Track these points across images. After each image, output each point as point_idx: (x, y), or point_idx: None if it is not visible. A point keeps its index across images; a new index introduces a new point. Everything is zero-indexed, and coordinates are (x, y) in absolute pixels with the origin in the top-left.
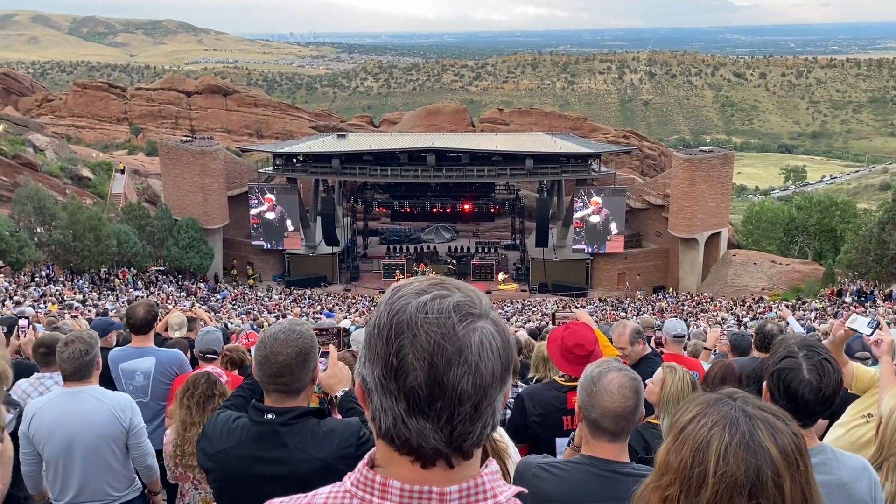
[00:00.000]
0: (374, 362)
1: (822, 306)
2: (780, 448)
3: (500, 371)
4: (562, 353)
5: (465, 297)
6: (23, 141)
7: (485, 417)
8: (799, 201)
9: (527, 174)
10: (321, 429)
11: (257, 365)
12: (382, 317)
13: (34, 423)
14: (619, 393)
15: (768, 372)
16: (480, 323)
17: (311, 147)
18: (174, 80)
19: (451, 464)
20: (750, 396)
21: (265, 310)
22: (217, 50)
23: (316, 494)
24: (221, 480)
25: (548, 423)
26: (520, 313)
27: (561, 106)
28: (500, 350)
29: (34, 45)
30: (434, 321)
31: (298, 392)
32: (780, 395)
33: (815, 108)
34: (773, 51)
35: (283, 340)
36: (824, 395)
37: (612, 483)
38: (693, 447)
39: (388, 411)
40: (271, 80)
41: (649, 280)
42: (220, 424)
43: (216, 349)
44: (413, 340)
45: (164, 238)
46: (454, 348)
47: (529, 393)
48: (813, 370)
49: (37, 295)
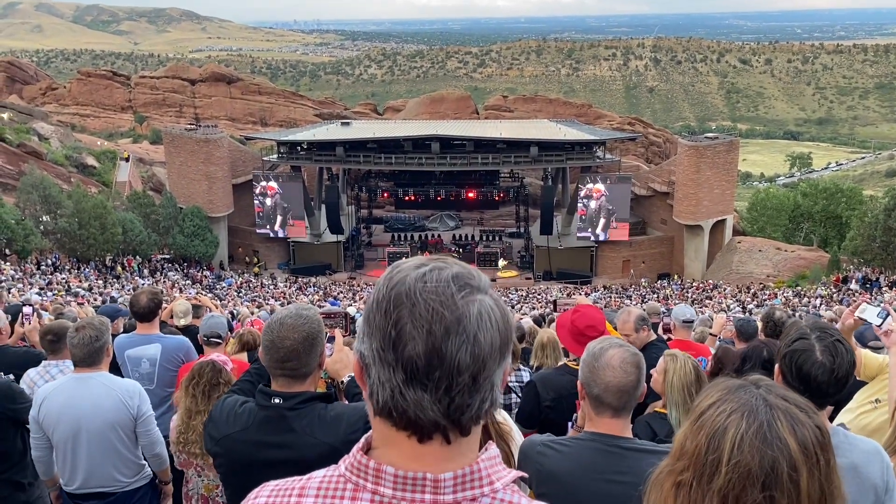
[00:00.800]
0: (373, 335)
1: (827, 293)
2: (799, 441)
3: (498, 344)
4: (573, 336)
5: (464, 269)
6: (27, 129)
7: (483, 391)
8: (804, 188)
9: (531, 162)
10: (328, 413)
11: (264, 349)
12: (381, 290)
13: (43, 407)
14: (621, 368)
15: (780, 354)
16: (479, 295)
17: (315, 135)
18: (178, 69)
19: (448, 438)
20: (774, 385)
21: (271, 298)
22: (221, 38)
23: (310, 478)
24: (228, 465)
25: (561, 407)
26: (524, 300)
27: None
28: (499, 323)
29: (38, 34)
30: (433, 290)
31: (305, 377)
32: (792, 377)
33: (821, 95)
34: (780, 37)
35: (291, 325)
36: (837, 376)
37: (616, 458)
38: (709, 433)
39: (385, 384)
40: (275, 67)
41: (654, 267)
42: (227, 409)
43: (220, 334)
44: (412, 310)
45: (169, 226)
46: (453, 317)
47: (542, 378)
48: (826, 351)
49: (43, 283)
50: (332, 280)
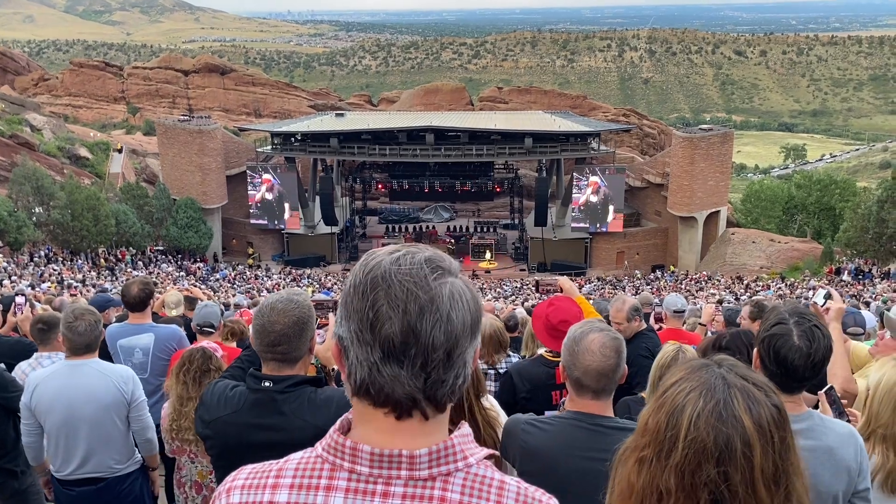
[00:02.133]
0: (350, 318)
1: (820, 284)
2: (754, 419)
3: (469, 323)
4: (547, 330)
5: (435, 254)
6: (20, 120)
7: (457, 367)
8: (798, 180)
9: (526, 153)
10: (318, 397)
11: (255, 333)
12: (357, 275)
13: (36, 394)
14: (601, 352)
15: (759, 338)
16: (450, 278)
17: (309, 126)
18: (171, 59)
19: (425, 414)
20: (738, 364)
21: (265, 289)
22: (214, 28)
23: (288, 460)
24: (219, 447)
25: (537, 398)
26: (518, 292)
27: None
28: (470, 304)
29: (30, 24)
30: (407, 272)
31: (295, 361)
32: (770, 360)
33: (815, 86)
34: (774, 28)
35: (281, 310)
36: (814, 360)
37: (598, 436)
38: (668, 411)
39: (363, 363)
40: (269, 58)
41: (648, 259)
42: (218, 392)
43: (213, 322)
44: (388, 291)
45: (163, 218)
46: (427, 297)
47: (518, 369)
48: (803, 336)
49: (35, 275)
50: (326, 272)
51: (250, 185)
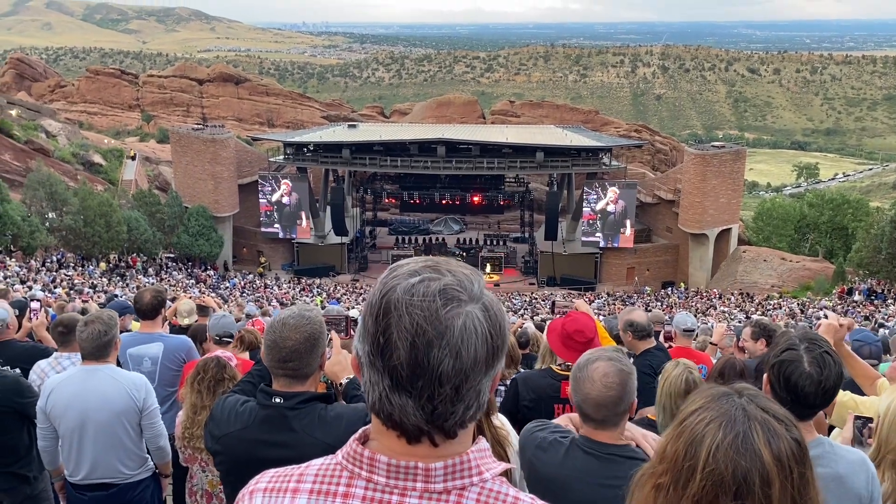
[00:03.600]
0: (365, 339)
1: (831, 304)
2: (773, 453)
3: (483, 356)
4: (562, 340)
5: (455, 280)
6: (35, 126)
7: (467, 399)
8: (811, 198)
9: (537, 167)
10: (328, 414)
11: (266, 349)
12: (375, 295)
13: (51, 398)
14: (602, 381)
15: (769, 364)
16: (467, 308)
17: (321, 137)
18: (186, 68)
19: (434, 442)
20: (758, 395)
21: (274, 299)
22: (229, 38)
23: (309, 465)
24: (228, 463)
25: (539, 409)
26: (528, 305)
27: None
28: (486, 335)
29: (48, 31)
30: (419, 304)
31: (306, 377)
32: (780, 387)
33: (829, 105)
34: (788, 46)
35: (293, 325)
36: (825, 387)
37: (610, 464)
38: (687, 440)
39: (374, 386)
40: (283, 69)
41: (658, 275)
42: (228, 408)
43: (232, 332)
44: (398, 321)
45: (175, 225)
46: (436, 332)
47: (524, 378)
48: (814, 363)
49: (47, 280)
50: (335, 282)
51: (262, 191)
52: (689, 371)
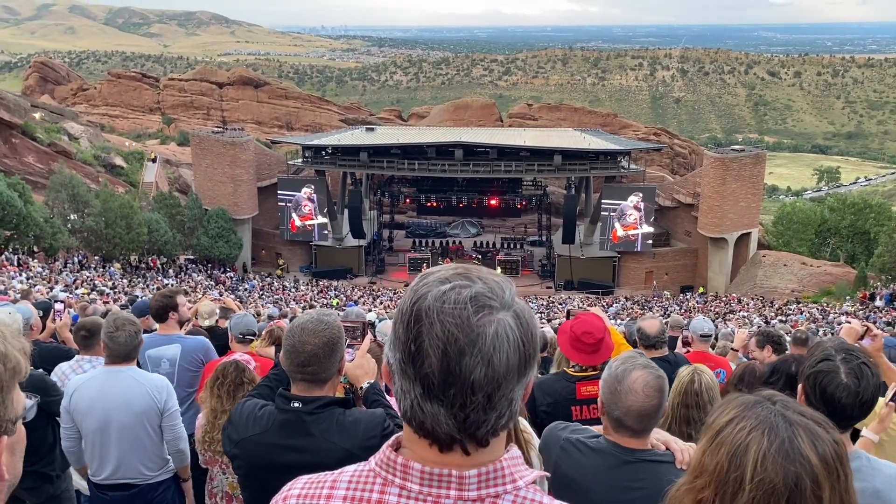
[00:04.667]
0: (397, 346)
1: (853, 309)
2: (820, 456)
3: (515, 363)
4: (571, 342)
5: (486, 287)
6: (58, 129)
7: (500, 408)
8: (832, 203)
9: (555, 170)
10: (346, 419)
11: (285, 353)
12: (406, 303)
13: (74, 398)
14: (644, 392)
15: (804, 374)
16: (499, 315)
17: (339, 140)
18: (206, 72)
19: (466, 451)
20: (789, 400)
21: (292, 301)
22: (249, 42)
23: (342, 472)
24: (247, 467)
25: (556, 412)
26: (545, 309)
27: (591, 102)
28: (518, 343)
29: (71, 35)
30: (450, 311)
31: (325, 382)
32: (816, 398)
33: (850, 108)
34: (809, 49)
35: (312, 330)
36: (862, 399)
37: (634, 468)
38: (730, 451)
39: (406, 394)
40: (302, 72)
41: (677, 279)
42: (247, 412)
43: (254, 331)
44: (430, 329)
45: (194, 227)
46: (467, 339)
47: (539, 383)
48: (851, 374)
49: (69, 280)
50: (352, 284)
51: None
52: (699, 373)
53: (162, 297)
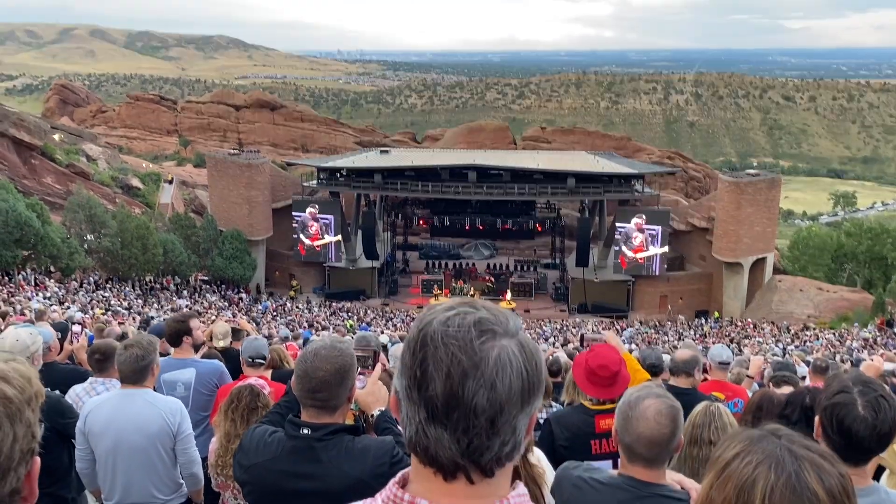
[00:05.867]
0: (403, 373)
1: (871, 336)
2: (826, 489)
3: (518, 390)
4: (586, 375)
5: (490, 315)
6: (77, 150)
7: (503, 434)
8: (848, 227)
9: (568, 193)
10: (355, 446)
11: (296, 379)
12: (413, 330)
13: (89, 420)
14: (655, 420)
15: (821, 406)
16: (503, 341)
17: (354, 162)
18: (223, 94)
19: (471, 479)
20: (795, 434)
21: (304, 322)
22: (266, 65)
23: None
24: (256, 493)
25: (575, 447)
26: (559, 333)
27: (605, 125)
28: (521, 369)
29: (91, 58)
30: (454, 335)
31: (335, 409)
32: (833, 430)
33: (866, 133)
34: (824, 74)
35: (324, 357)
36: (880, 432)
37: (650, 502)
38: (737, 485)
39: (411, 420)
40: (318, 95)
41: (692, 304)
42: (257, 438)
43: (264, 354)
44: (434, 352)
45: (209, 248)
46: (471, 363)
47: (557, 417)
48: (868, 406)
49: (84, 301)
50: (365, 306)
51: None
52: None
53: (175, 322)
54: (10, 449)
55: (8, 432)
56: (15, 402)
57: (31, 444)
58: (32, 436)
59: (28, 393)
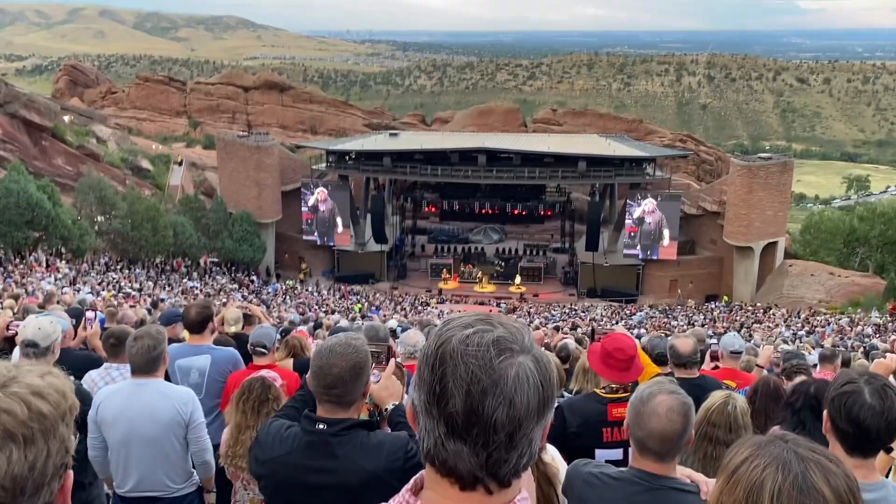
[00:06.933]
0: (421, 387)
1: (883, 321)
2: (833, 489)
3: (535, 405)
4: (602, 358)
5: (507, 332)
6: (87, 132)
7: (520, 447)
8: (861, 212)
9: (579, 177)
10: (370, 441)
11: (312, 375)
12: (431, 346)
13: (101, 409)
14: (667, 416)
15: (829, 398)
16: (519, 358)
17: (363, 145)
18: (232, 76)
19: (489, 489)
20: (800, 439)
21: (314, 305)
22: (275, 46)
23: None
24: (273, 487)
25: (587, 434)
26: (568, 317)
27: (616, 107)
28: (538, 385)
29: (100, 39)
30: (474, 353)
31: (350, 404)
32: (841, 419)
33: (881, 116)
34: (839, 56)
35: (340, 353)
36: (888, 419)
37: (658, 496)
38: (746, 488)
39: (430, 433)
40: (327, 76)
41: (702, 288)
42: (273, 433)
43: (266, 344)
44: (454, 370)
45: (219, 230)
46: (490, 380)
47: (570, 404)
48: (875, 395)
49: (95, 282)
50: (374, 289)
51: (304, 199)
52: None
53: (202, 308)
54: (44, 465)
55: (42, 448)
56: (49, 418)
57: (64, 458)
58: (66, 450)
59: (62, 408)
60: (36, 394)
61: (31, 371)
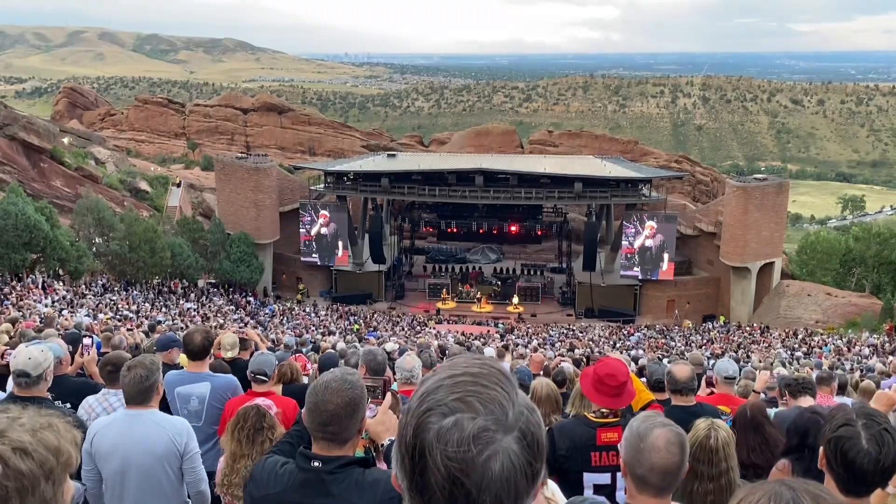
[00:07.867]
0: (403, 472)
1: (880, 342)
2: None
3: (524, 486)
4: (594, 384)
5: (491, 417)
6: (85, 154)
7: None
8: (857, 232)
9: (575, 197)
10: (366, 479)
11: (307, 411)
12: (408, 429)
13: (96, 441)
14: (667, 449)
15: (826, 438)
16: (504, 443)
17: (361, 166)
18: (231, 98)
19: None
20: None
21: (311, 326)
22: (273, 69)
23: None
24: None
25: (575, 457)
26: (566, 338)
27: (612, 129)
28: (525, 466)
29: (100, 61)
30: (453, 455)
31: (346, 441)
32: (836, 463)
33: (875, 137)
34: (833, 77)
35: (335, 389)
36: (883, 466)
37: None
38: None
39: None
40: (325, 98)
41: (699, 308)
42: (268, 469)
43: (267, 371)
44: (435, 469)
45: (217, 251)
46: (472, 482)
47: (559, 427)
48: (872, 440)
49: (93, 304)
50: (372, 309)
51: (303, 222)
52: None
53: (205, 336)
54: None
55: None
56: (28, 477)
57: None
58: None
59: (48, 465)
60: (18, 450)
61: (25, 425)
